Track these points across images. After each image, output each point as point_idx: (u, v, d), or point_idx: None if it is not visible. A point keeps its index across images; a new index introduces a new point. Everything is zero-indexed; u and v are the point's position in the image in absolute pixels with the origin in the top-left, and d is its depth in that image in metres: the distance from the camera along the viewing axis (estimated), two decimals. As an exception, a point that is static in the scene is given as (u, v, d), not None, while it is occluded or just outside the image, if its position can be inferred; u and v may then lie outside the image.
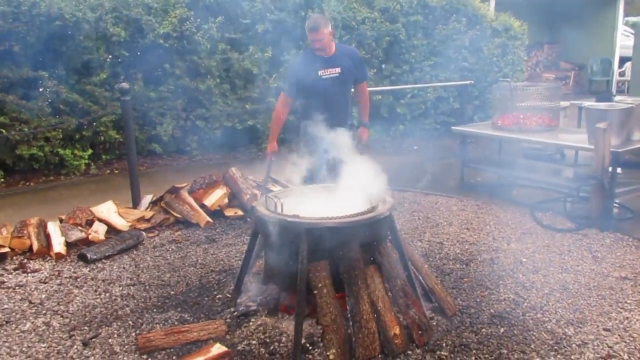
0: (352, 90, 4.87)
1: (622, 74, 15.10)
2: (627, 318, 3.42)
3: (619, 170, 5.33)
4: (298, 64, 4.73)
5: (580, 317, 3.42)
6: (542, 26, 15.04)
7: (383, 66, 9.20)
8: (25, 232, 4.71)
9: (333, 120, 4.43)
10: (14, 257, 4.55)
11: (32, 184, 7.17)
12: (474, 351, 3.04)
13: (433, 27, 9.42)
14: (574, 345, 3.12)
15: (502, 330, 3.28)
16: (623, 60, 14.81)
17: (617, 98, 7.14)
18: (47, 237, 4.71)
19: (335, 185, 3.80)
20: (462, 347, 3.09)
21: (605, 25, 14.72)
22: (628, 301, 3.63)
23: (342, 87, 4.60)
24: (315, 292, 3.08)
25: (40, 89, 7.37)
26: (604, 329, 3.29)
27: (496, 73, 9.86)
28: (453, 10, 9.57)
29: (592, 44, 14.90)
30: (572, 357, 3.00)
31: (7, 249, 4.54)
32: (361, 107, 4.99)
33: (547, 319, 3.42)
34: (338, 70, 4.51)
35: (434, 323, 3.32)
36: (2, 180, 7.13)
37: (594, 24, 14.77)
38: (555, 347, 3.09)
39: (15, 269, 4.34)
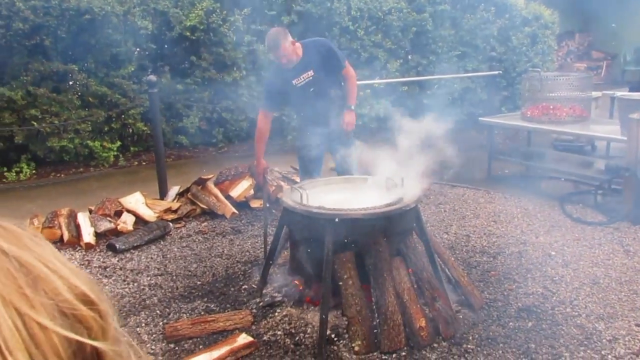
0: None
1: (656, 64, 14.68)
2: (660, 313, 3.34)
3: (652, 162, 5.18)
4: (270, 82, 4.53)
5: (611, 312, 3.35)
6: (574, 14, 14.69)
7: (409, 57, 9.12)
8: (56, 222, 4.80)
9: (322, 118, 4.32)
10: (46, 247, 4.64)
11: (62, 175, 7.31)
12: (501, 345, 3.01)
13: (461, 16, 9.28)
14: (604, 340, 3.05)
15: (530, 324, 3.23)
16: (657, 49, 14.39)
17: (651, 88, 6.95)
18: (77, 227, 4.80)
19: (361, 177, 3.78)
20: (489, 340, 3.05)
21: (638, 13, 14.31)
22: (661, 296, 3.55)
23: (321, 87, 4.34)
24: (341, 283, 3.08)
25: (70, 82, 7.49)
26: (636, 325, 3.21)
27: (525, 63, 9.68)
28: (481, -1, 9.43)
29: (625, 32, 14.50)
30: (603, 352, 2.95)
31: (38, 239, 4.63)
32: (347, 90, 4.52)
33: (576, 313, 3.35)
34: (310, 73, 4.28)
35: (461, 316, 3.29)
36: (34, 171, 7.28)
37: (627, 12, 14.37)
38: (585, 342, 3.03)
39: (46, 259, 4.43)
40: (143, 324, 3.38)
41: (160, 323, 3.38)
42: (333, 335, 3.07)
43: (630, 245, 4.37)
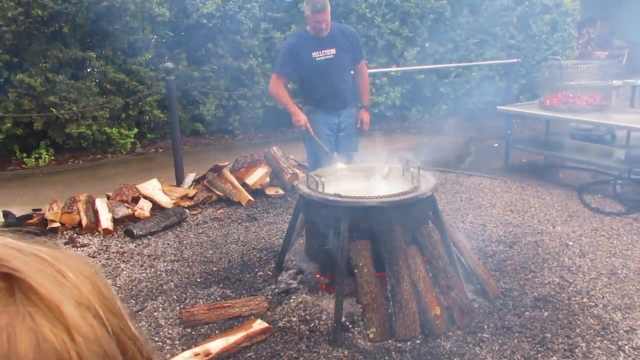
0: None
1: (679, 52, 14.38)
2: (679, 305, 3.30)
3: (674, 151, 5.10)
4: (291, 45, 4.33)
5: (628, 303, 3.32)
6: (595, 2, 14.42)
7: (427, 44, 9.03)
8: (74, 208, 4.87)
9: (334, 102, 4.30)
10: (64, 232, 4.72)
11: (80, 161, 7.39)
12: (517, 334, 3.00)
13: (480, 3, 9.16)
14: (621, 331, 3.03)
15: (546, 314, 3.21)
16: (681, 37, 14.09)
17: (674, 76, 6.81)
18: (95, 213, 4.85)
19: (378, 165, 3.77)
20: (504, 329, 3.04)
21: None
22: (680, 287, 3.50)
23: (339, 68, 4.30)
24: (356, 271, 3.09)
25: (88, 69, 7.55)
26: (654, 316, 3.18)
27: (545, 51, 9.54)
28: (501, -15, 9.28)
29: (648, 20, 14.21)
30: (620, 342, 2.92)
31: (57, 224, 4.71)
32: (360, 89, 4.59)
33: (593, 303, 3.33)
34: (333, 51, 4.23)
35: (476, 305, 3.28)
36: (52, 157, 7.37)
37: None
38: (602, 333, 3.01)
39: (65, 244, 4.50)
40: (160, 309, 3.42)
41: (177, 308, 3.42)
42: (348, 323, 3.08)
43: (649, 236, 4.31)
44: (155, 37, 7.96)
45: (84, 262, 0.47)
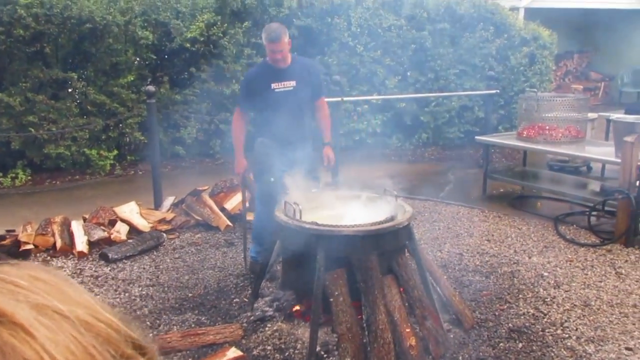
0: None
1: (653, 86, 14.79)
2: (651, 337, 3.34)
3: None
4: (251, 76, 4.23)
5: (601, 335, 3.35)
6: (573, 35, 14.80)
7: (408, 74, 9.17)
8: (49, 229, 4.80)
9: (291, 136, 4.07)
10: (38, 254, 4.64)
11: (58, 182, 7.31)
12: (491, 366, 3.00)
13: (460, 35, 9.35)
14: (594, 363, 3.05)
15: (520, 345, 3.23)
16: (655, 72, 14.51)
17: (647, 111, 6.99)
18: (71, 235, 4.79)
19: (356, 194, 3.79)
20: (479, 361, 3.05)
21: (637, 36, 14.45)
22: (652, 320, 3.55)
23: (298, 102, 4.09)
24: (332, 299, 3.08)
25: (69, 90, 7.52)
26: (626, 348, 3.21)
27: (523, 83, 9.73)
28: (481, 18, 9.49)
29: (623, 54, 14.63)
30: (592, 375, 2.94)
31: (31, 246, 4.63)
32: (322, 126, 4.43)
33: (567, 335, 3.35)
34: (293, 83, 4.06)
35: (451, 335, 3.28)
36: (29, 178, 7.28)
37: (626, 34, 14.52)
38: (575, 365, 3.03)
39: (38, 266, 4.42)
40: (132, 336, 3.37)
41: (150, 334, 3.36)
42: (323, 352, 3.06)
43: (622, 267, 4.37)
44: (138, 59, 7.97)
45: (39, 269, 0.49)
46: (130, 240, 4.82)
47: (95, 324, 0.46)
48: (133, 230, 5.06)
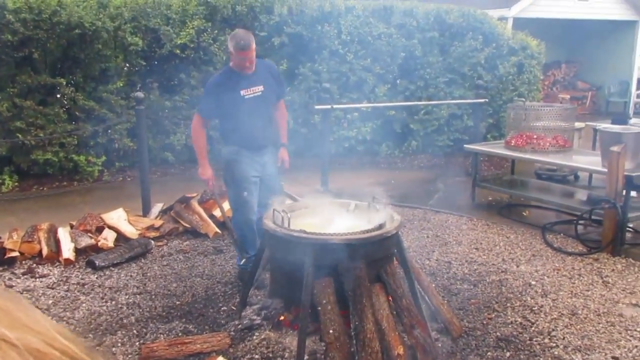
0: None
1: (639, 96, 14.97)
2: (637, 346, 3.36)
3: (633, 194, 5.26)
4: (215, 85, 4.06)
5: (588, 344, 3.37)
6: (561, 45, 14.98)
7: (397, 82, 9.20)
8: (35, 237, 4.75)
9: (261, 141, 4.09)
10: (23, 262, 4.59)
11: (45, 189, 7.24)
12: (478, 375, 3.01)
13: (449, 44, 9.41)
14: (580, 372, 3.06)
15: (507, 354, 3.24)
16: (642, 83, 14.70)
17: (633, 121, 7.07)
18: (57, 242, 4.74)
19: (346, 202, 3.79)
20: (467, 370, 3.05)
21: (624, 46, 14.64)
22: (638, 329, 3.57)
23: (266, 106, 4.12)
24: (320, 308, 3.07)
25: (58, 96, 7.46)
26: (612, 357, 3.23)
27: (511, 92, 9.81)
28: (470, 27, 9.56)
29: (610, 65, 14.81)
30: (579, 384, 2.95)
31: (16, 253, 4.58)
32: (280, 127, 4.39)
33: (554, 344, 3.37)
34: (261, 88, 4.03)
35: (439, 344, 3.28)
36: (16, 184, 7.21)
37: (613, 45, 14.70)
38: (562, 374, 3.04)
39: (23, 274, 4.38)
40: (119, 344, 3.34)
41: (137, 343, 3.34)
42: (310, 361, 3.05)
43: (609, 276, 4.40)
44: (127, 65, 7.94)
45: None
46: (117, 248, 4.79)
47: (49, 352, 0.44)
48: (121, 237, 5.03)
